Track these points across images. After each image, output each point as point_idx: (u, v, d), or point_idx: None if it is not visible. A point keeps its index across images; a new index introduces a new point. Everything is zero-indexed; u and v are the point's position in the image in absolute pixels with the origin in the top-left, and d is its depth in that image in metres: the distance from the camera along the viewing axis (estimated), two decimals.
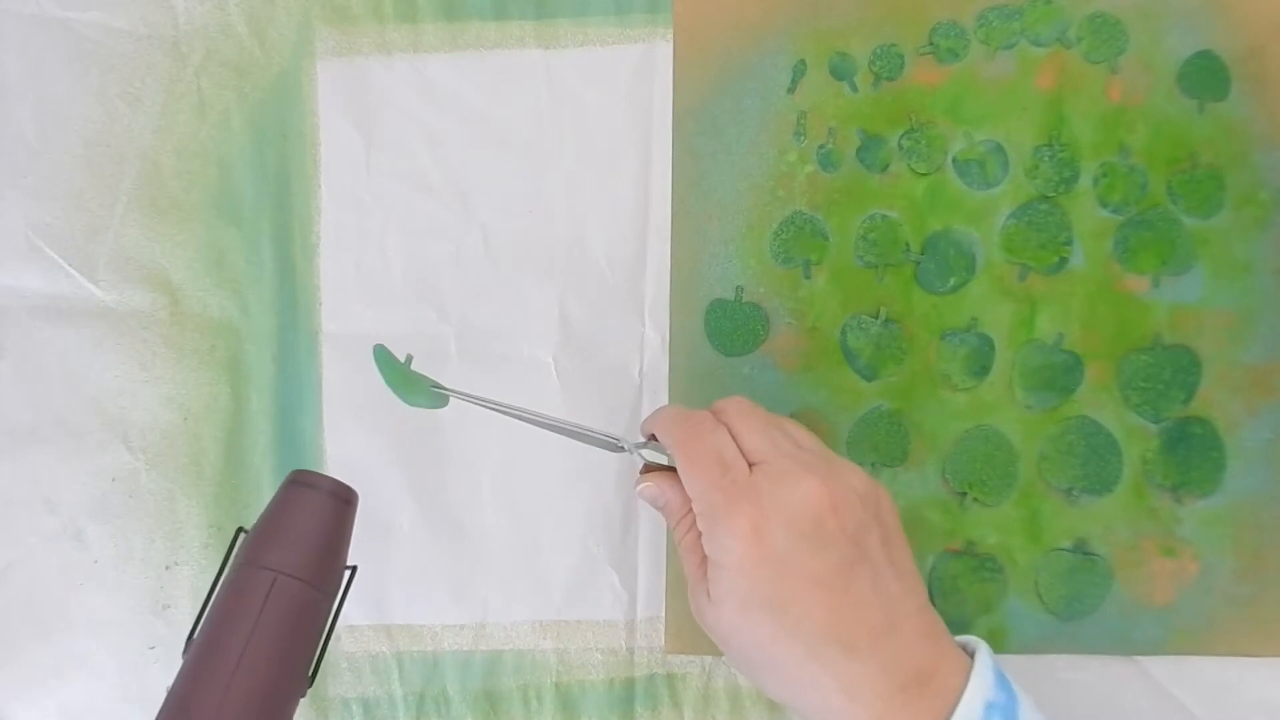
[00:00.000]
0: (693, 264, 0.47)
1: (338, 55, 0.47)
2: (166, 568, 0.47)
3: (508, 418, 0.43)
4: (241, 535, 0.39)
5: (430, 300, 0.47)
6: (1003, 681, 0.34)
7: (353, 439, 0.47)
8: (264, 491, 0.47)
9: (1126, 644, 0.46)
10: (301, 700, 0.38)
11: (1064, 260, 0.47)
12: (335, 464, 0.47)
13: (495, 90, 0.47)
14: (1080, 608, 0.46)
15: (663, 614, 0.47)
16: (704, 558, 0.36)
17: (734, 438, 0.37)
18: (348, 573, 0.40)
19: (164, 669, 0.47)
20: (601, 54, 0.47)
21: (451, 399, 0.46)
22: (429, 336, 0.47)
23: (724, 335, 0.47)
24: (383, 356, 0.45)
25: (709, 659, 0.47)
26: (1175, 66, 0.46)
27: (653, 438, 0.40)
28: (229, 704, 0.35)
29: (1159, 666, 0.46)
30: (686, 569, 0.38)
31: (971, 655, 0.35)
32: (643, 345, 0.47)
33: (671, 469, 0.39)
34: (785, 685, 0.35)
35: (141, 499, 0.47)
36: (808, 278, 0.47)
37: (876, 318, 0.47)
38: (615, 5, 0.47)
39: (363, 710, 0.47)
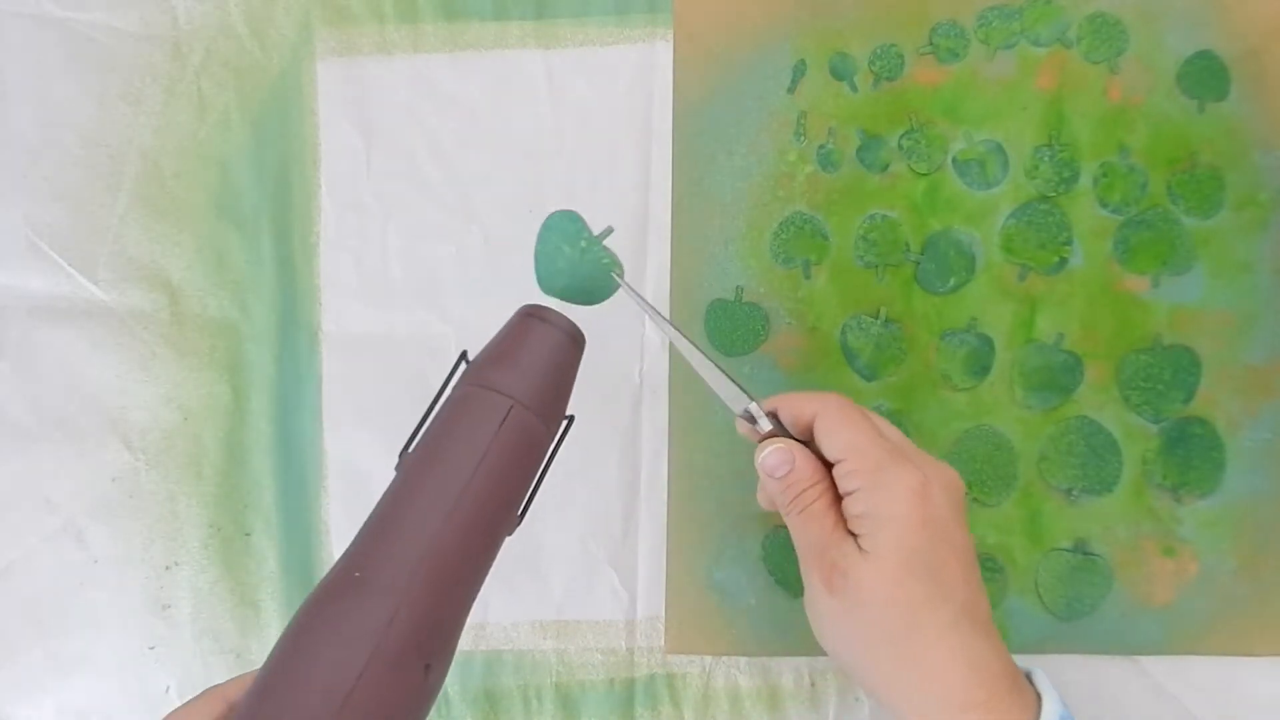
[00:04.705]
0: (693, 264, 0.47)
1: (338, 55, 0.47)
2: (166, 568, 0.47)
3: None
4: (464, 363, 0.36)
5: (430, 300, 0.47)
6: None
7: (353, 439, 0.47)
8: (264, 491, 0.47)
9: (1126, 644, 0.46)
10: None
11: (1064, 260, 0.47)
12: (335, 464, 0.47)
13: (495, 90, 0.47)
14: (1080, 608, 0.46)
15: (663, 614, 0.47)
16: (837, 521, 0.36)
17: None
18: (565, 421, 0.37)
19: (164, 669, 0.47)
20: (601, 54, 0.47)
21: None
22: (429, 336, 0.47)
23: (724, 335, 0.47)
24: (559, 223, 0.41)
25: (709, 659, 0.47)
26: (1175, 66, 0.46)
27: (772, 416, 0.39)
28: (449, 532, 0.32)
29: (1159, 666, 0.46)
30: (811, 536, 0.37)
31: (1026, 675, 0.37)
32: (643, 345, 0.47)
33: (796, 440, 0.38)
34: (910, 655, 0.35)
35: (141, 499, 0.47)
36: (808, 278, 0.47)
37: (876, 318, 0.47)
38: (615, 5, 0.47)
39: None
